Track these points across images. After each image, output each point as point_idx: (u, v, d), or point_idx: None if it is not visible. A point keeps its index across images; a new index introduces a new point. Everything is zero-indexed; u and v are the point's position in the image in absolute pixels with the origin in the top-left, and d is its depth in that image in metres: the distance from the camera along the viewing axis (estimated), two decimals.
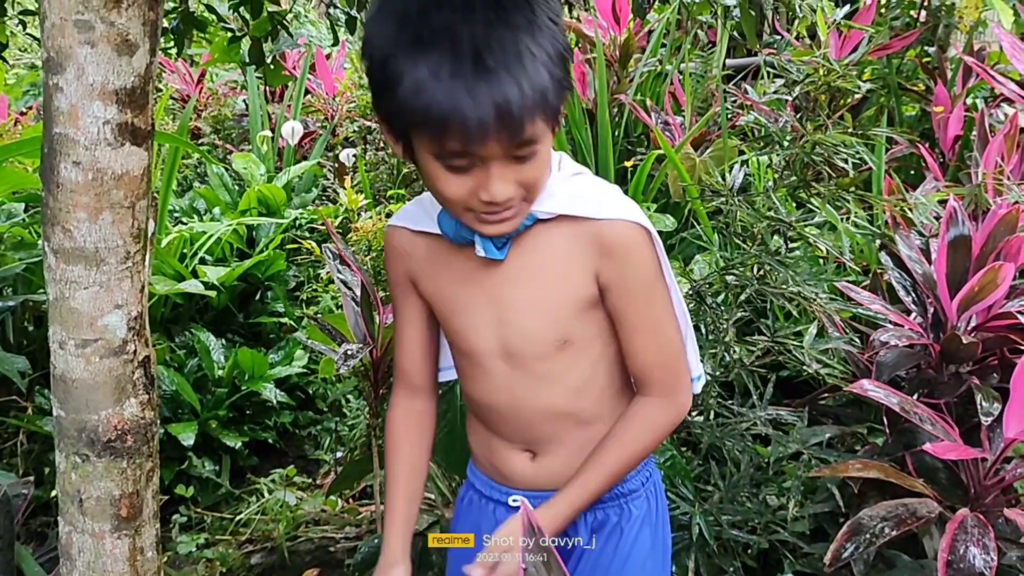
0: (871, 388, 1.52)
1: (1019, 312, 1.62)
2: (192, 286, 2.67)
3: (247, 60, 2.14)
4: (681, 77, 3.22)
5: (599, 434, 1.20)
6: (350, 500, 2.41)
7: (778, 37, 3.09)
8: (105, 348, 1.05)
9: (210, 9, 2.19)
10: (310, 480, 2.59)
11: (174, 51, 2.36)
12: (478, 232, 1.06)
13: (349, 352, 1.59)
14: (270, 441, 2.68)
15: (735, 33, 3.19)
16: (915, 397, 1.60)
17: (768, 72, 3.06)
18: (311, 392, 2.88)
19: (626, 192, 2.95)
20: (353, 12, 2.06)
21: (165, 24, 2.09)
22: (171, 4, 2.08)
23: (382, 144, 3.84)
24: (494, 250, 1.09)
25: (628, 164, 2.94)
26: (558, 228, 1.11)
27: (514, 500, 1.23)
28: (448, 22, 0.89)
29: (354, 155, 3.52)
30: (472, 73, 0.88)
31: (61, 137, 1.01)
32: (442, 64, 0.88)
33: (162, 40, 2.57)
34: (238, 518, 2.35)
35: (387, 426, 1.28)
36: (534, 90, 0.91)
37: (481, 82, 0.88)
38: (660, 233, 2.71)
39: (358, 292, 1.76)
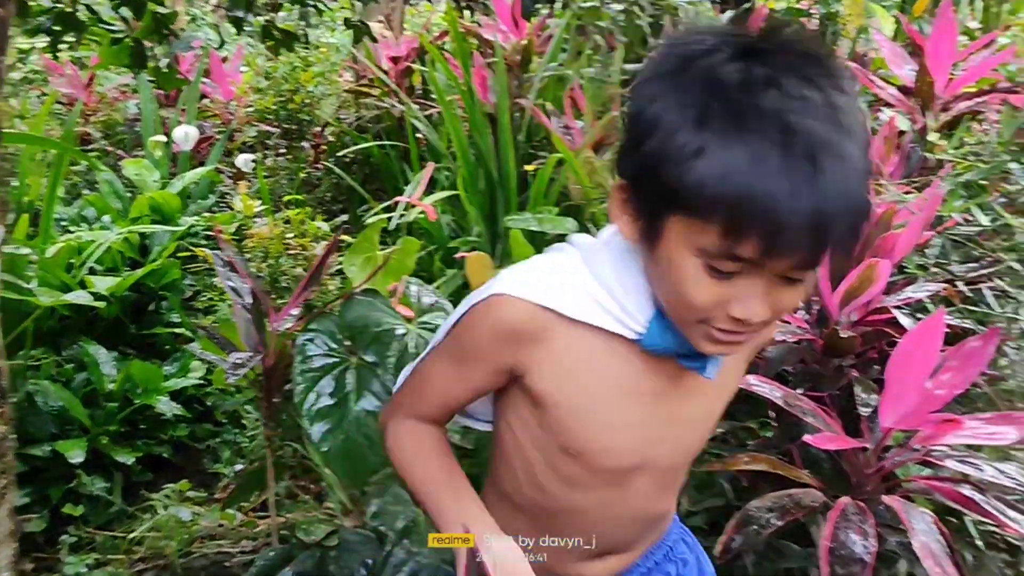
0: (756, 383, 1.56)
1: (895, 307, 1.68)
2: (79, 297, 2.57)
3: (129, 63, 2.07)
4: (582, 81, 3.25)
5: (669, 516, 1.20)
6: (249, 513, 2.35)
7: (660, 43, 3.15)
8: None
9: (90, 10, 2.10)
10: (208, 494, 2.52)
11: (61, 53, 2.27)
12: (696, 347, 0.90)
13: (238, 361, 1.55)
14: (165, 456, 2.59)
15: (624, 38, 3.25)
16: (801, 391, 1.64)
17: None
18: (209, 404, 2.80)
19: (528, 196, 2.97)
20: (239, 13, 2.01)
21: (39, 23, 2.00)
22: (46, 3, 1.99)
23: (282, 150, 3.78)
24: (716, 372, 0.96)
25: (530, 168, 2.95)
26: None
27: None
28: (781, 107, 0.77)
29: (253, 160, 3.44)
30: (804, 172, 0.76)
31: None
32: (769, 152, 0.76)
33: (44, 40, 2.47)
34: (131, 536, 2.27)
35: (397, 447, 1.09)
36: (852, 211, 0.79)
37: (810, 185, 0.76)
38: (562, 236, 2.72)
39: (249, 299, 1.71)
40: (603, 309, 0.94)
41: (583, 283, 0.95)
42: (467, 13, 4.20)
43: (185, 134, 3.42)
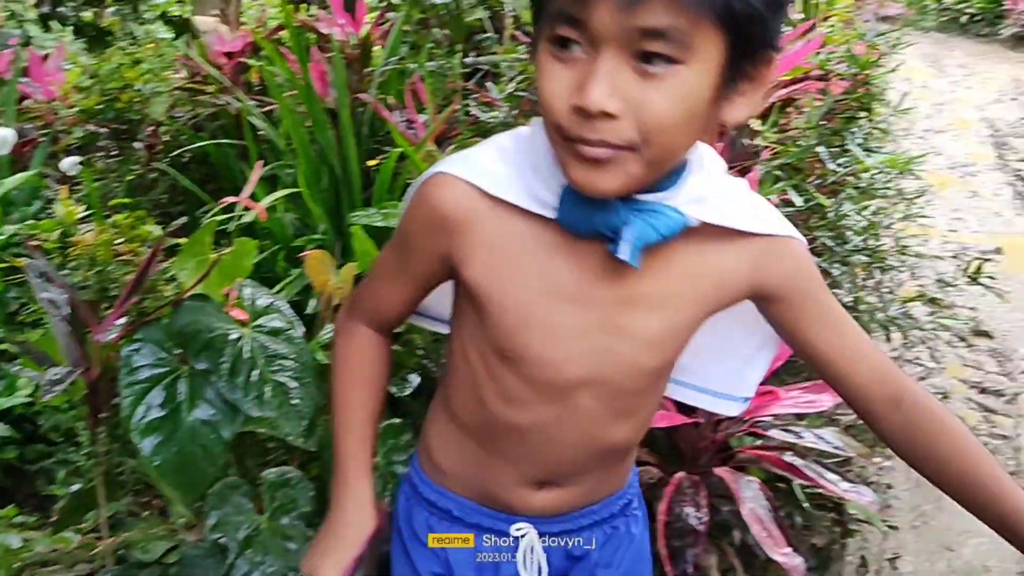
0: None
1: None
2: None
3: None
4: (423, 75, 3.24)
5: (626, 459, 1.13)
6: (87, 535, 2.22)
7: (491, 36, 3.19)
8: None
9: None
10: (44, 518, 2.37)
11: None
12: (569, 178, 0.82)
13: (55, 377, 1.47)
14: None
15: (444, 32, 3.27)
16: None
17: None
18: (41, 422, 2.64)
19: (372, 192, 2.94)
20: (45, 8, 1.89)
21: None
22: None
23: (113, 151, 3.59)
24: (629, 251, 0.84)
25: (372, 163, 2.92)
26: (709, 242, 0.91)
27: (518, 529, 1.08)
28: None
29: (79, 163, 3.26)
30: None
31: None
32: None
33: None
34: None
35: (341, 355, 1.08)
36: None
37: None
38: None
39: (67, 311, 1.62)
40: (524, 184, 0.89)
41: (515, 159, 0.91)
42: (304, 6, 4.11)
43: (2, 138, 3.20)
